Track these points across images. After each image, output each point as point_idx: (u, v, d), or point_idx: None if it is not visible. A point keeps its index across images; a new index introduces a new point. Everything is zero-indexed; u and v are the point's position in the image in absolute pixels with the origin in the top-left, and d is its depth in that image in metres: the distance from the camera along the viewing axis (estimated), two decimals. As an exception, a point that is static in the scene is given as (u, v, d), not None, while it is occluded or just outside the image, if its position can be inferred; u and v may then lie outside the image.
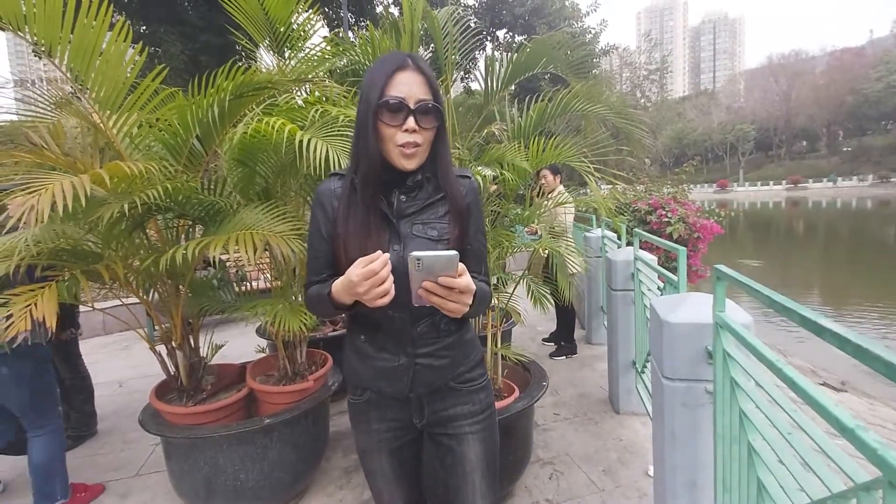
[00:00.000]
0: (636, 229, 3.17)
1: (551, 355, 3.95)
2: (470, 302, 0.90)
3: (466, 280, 0.87)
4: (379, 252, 0.85)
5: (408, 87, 0.94)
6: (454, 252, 0.84)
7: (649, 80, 22.44)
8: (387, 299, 0.86)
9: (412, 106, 0.93)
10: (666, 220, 4.67)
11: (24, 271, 1.68)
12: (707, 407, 1.46)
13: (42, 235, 1.77)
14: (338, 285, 0.92)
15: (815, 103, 62.21)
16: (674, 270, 2.39)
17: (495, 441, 1.13)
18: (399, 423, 1.09)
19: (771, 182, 59.65)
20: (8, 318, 1.46)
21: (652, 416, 1.84)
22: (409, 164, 0.97)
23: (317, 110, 1.94)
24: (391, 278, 0.85)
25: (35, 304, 1.52)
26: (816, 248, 16.96)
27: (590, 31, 15.14)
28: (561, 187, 3.78)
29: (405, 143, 0.94)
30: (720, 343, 1.30)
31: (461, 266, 0.86)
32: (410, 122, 0.93)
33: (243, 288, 2.62)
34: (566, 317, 4.07)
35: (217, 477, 1.90)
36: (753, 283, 1.12)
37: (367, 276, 0.83)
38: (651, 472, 2.23)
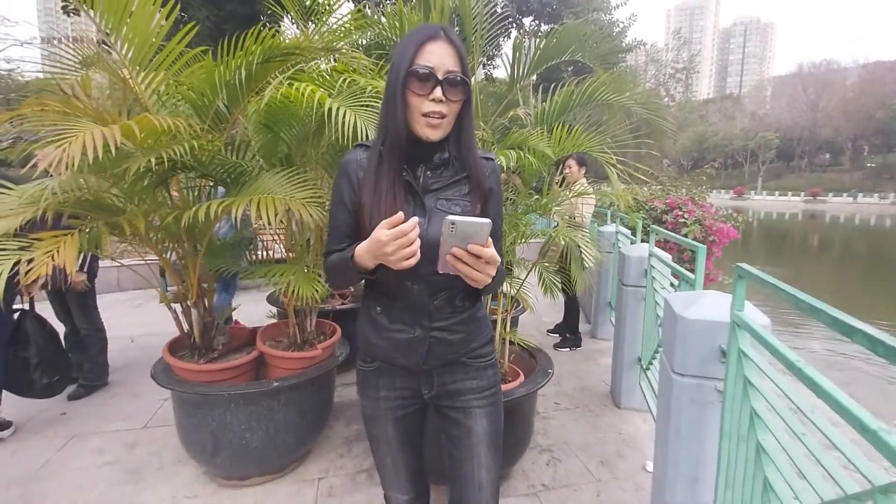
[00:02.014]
0: (653, 226, 3.14)
1: (556, 346, 3.96)
2: (493, 273, 0.91)
3: (493, 251, 0.88)
4: (401, 214, 0.86)
5: (438, 57, 0.94)
6: (488, 220, 0.84)
7: (675, 78, 21.99)
8: (413, 261, 0.87)
9: (440, 76, 0.94)
10: (682, 220, 4.62)
11: (52, 218, 1.70)
12: (715, 405, 1.46)
13: (67, 185, 1.79)
14: (362, 248, 0.93)
15: (843, 116, 60.62)
16: (687, 270, 2.37)
17: (500, 417, 1.15)
18: (407, 393, 1.12)
19: (789, 193, 58.53)
20: (29, 261, 1.49)
21: (656, 410, 1.84)
22: (433, 135, 0.97)
23: (344, 79, 1.93)
24: (419, 241, 0.87)
25: (57, 251, 1.54)
26: (829, 262, 16.70)
27: (618, 25, 14.82)
28: (583, 179, 3.75)
29: (430, 112, 0.95)
30: (736, 342, 1.29)
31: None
32: (437, 92, 0.94)
33: (259, 255, 2.64)
34: (572, 309, 4.07)
35: (224, 434, 1.94)
36: (778, 282, 1.11)
37: (398, 235, 0.84)
38: (649, 468, 2.25)
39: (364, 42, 2.77)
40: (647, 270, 2.83)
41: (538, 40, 2.91)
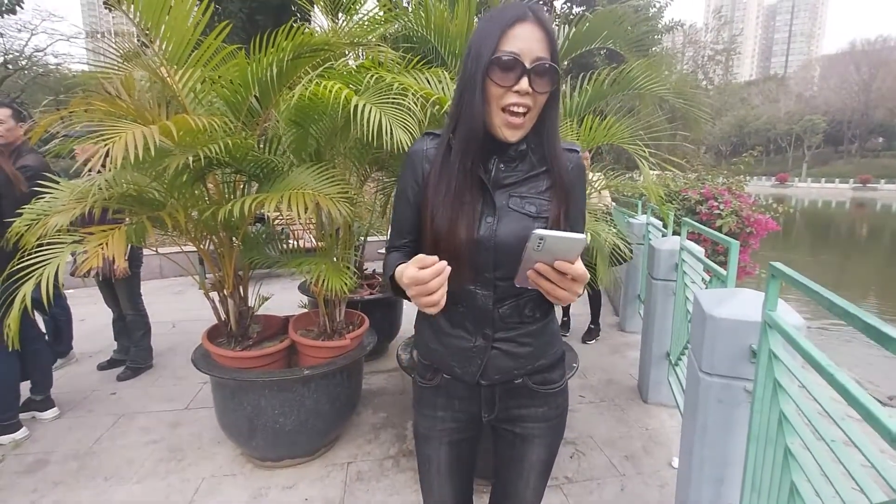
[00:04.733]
0: (685, 218, 3.06)
1: (584, 340, 3.95)
2: (580, 292, 0.79)
3: (582, 268, 0.76)
4: (436, 258, 0.76)
5: (525, 42, 0.81)
6: (582, 236, 0.73)
7: (714, 60, 20.94)
8: (434, 310, 0.78)
9: (528, 65, 0.81)
10: (717, 211, 4.47)
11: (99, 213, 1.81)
12: (743, 406, 1.44)
13: (113, 181, 1.90)
14: (399, 272, 0.84)
15: (900, 96, 56.71)
16: (721, 264, 2.30)
17: (559, 443, 1.08)
18: (465, 416, 1.03)
19: (837, 180, 55.29)
20: (83, 253, 1.61)
21: (683, 409, 1.82)
22: (512, 136, 0.86)
23: (371, 76, 1.95)
24: (442, 290, 0.76)
25: (106, 244, 1.64)
26: (878, 255, 15.80)
27: (654, 5, 14.20)
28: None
29: (512, 105, 0.83)
30: (767, 342, 1.26)
31: None
32: (524, 83, 0.81)
33: (290, 245, 2.72)
34: (597, 299, 4.05)
35: (259, 418, 2.05)
36: (812, 283, 1.08)
37: (416, 282, 0.75)
38: (675, 464, 2.23)
39: (391, 34, 2.79)
40: (677, 264, 2.76)
41: (568, 28, 2.85)
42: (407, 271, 0.78)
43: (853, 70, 63.37)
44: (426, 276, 0.75)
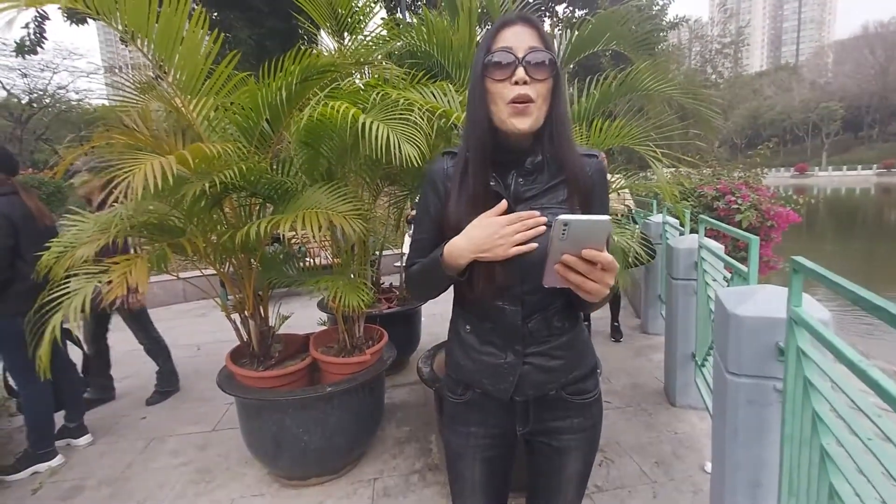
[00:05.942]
0: (701, 216, 3.00)
1: (617, 339, 3.95)
2: (612, 283, 0.78)
3: (611, 256, 0.75)
4: (504, 203, 0.84)
5: (515, 38, 0.85)
6: (607, 218, 0.72)
7: (722, 53, 20.68)
8: (525, 248, 0.81)
9: (520, 55, 0.84)
10: (735, 206, 4.38)
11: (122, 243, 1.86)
12: (775, 406, 1.39)
13: (135, 211, 1.96)
14: (456, 242, 0.86)
15: (920, 77, 55.08)
16: (742, 260, 2.25)
17: (595, 453, 1.07)
18: (499, 430, 1.01)
19: (859, 166, 53.74)
20: (108, 283, 1.65)
21: (712, 411, 1.78)
22: (522, 123, 0.85)
23: (378, 93, 1.98)
24: (542, 230, 0.80)
25: (130, 272, 1.69)
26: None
27: (657, 3, 14.13)
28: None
29: (515, 98, 0.84)
30: (794, 340, 1.23)
31: None
32: (520, 72, 0.83)
33: (307, 263, 2.76)
34: (616, 301, 4.03)
35: (284, 437, 2.06)
36: (835, 276, 1.05)
37: (513, 221, 0.81)
38: (707, 468, 2.16)
39: (395, 51, 2.83)
40: (697, 263, 2.71)
41: (570, 33, 2.86)
42: (494, 218, 0.84)
43: (868, 54, 61.94)
44: (526, 213, 0.82)
